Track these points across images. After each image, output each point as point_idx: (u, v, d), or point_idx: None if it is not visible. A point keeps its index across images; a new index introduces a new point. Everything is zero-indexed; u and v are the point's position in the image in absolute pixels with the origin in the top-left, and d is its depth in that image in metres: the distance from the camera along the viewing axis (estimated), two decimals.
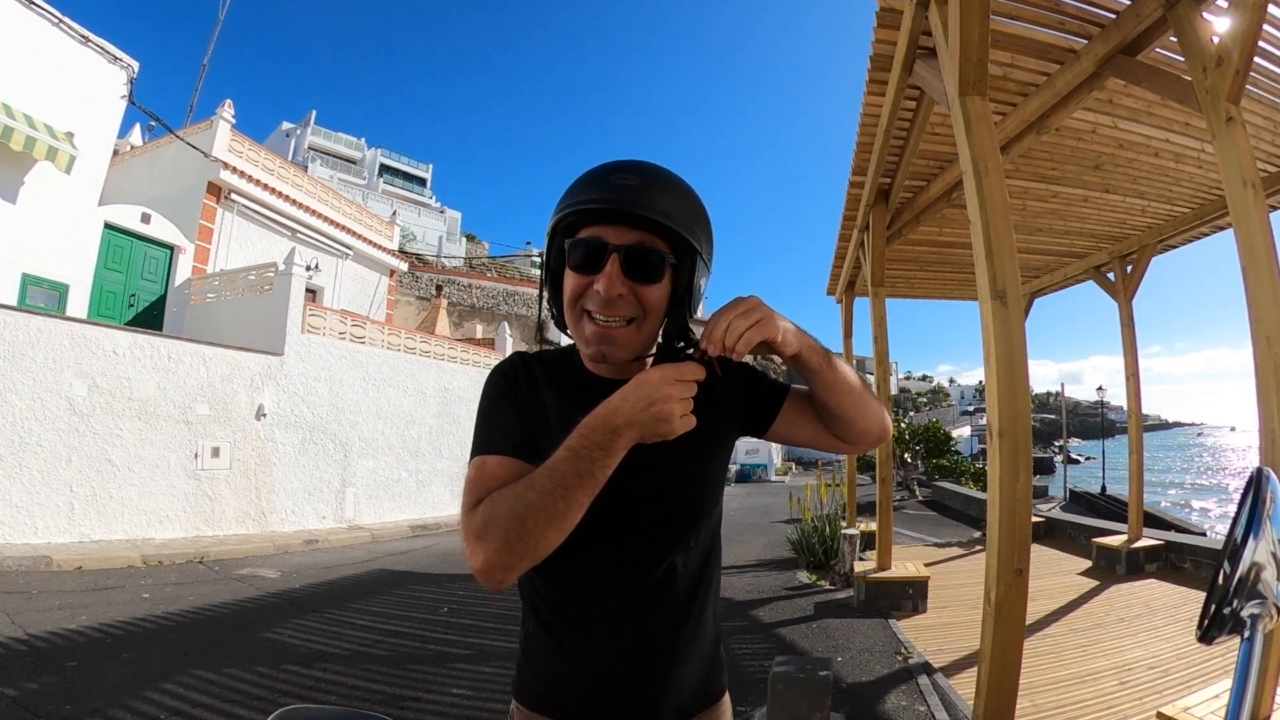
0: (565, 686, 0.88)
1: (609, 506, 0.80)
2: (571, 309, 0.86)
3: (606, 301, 0.82)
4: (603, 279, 0.81)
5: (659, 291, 0.85)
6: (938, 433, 19.64)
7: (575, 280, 0.85)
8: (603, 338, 0.84)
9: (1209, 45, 2.69)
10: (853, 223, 6.09)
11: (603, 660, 0.87)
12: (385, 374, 10.83)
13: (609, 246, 0.82)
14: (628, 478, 0.80)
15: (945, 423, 29.56)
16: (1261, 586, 0.56)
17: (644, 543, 0.88)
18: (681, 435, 0.78)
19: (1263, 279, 2.47)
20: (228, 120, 11.36)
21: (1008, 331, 2.33)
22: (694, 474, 0.92)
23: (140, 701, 3.12)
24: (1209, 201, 5.29)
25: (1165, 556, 6.34)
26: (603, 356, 0.85)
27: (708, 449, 0.92)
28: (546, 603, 0.91)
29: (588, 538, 0.83)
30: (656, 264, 0.83)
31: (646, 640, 0.88)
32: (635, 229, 0.81)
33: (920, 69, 3.37)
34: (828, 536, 6.56)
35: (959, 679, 3.64)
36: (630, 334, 0.85)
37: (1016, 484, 2.26)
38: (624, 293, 0.82)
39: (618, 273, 0.81)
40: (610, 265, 0.81)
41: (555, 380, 0.93)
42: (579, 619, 0.89)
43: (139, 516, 7.36)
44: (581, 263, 0.84)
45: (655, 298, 0.85)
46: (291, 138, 38.23)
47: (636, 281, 0.83)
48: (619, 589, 0.88)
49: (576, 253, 0.84)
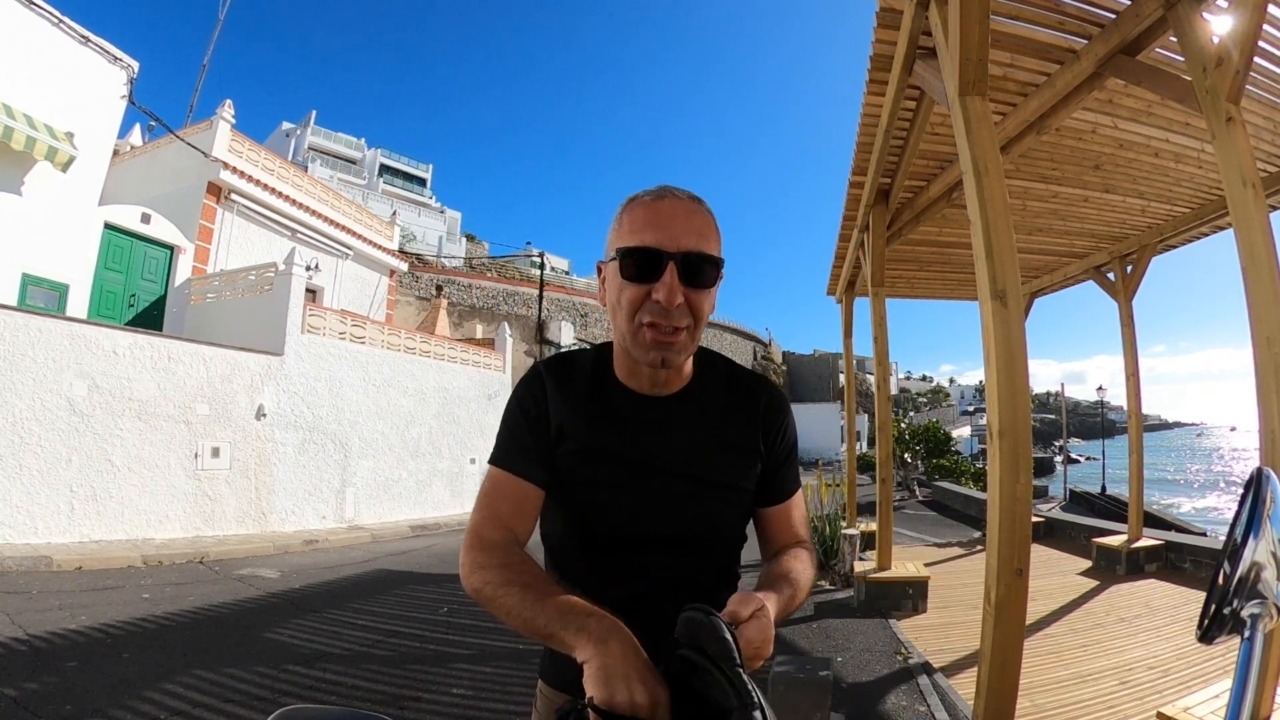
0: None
1: (629, 519, 0.87)
2: (630, 319, 0.86)
3: (666, 311, 0.83)
4: (662, 288, 0.82)
5: (709, 299, 0.87)
6: (938, 433, 19.64)
7: (632, 290, 0.84)
8: (662, 345, 0.85)
9: (1209, 45, 2.69)
10: (853, 223, 6.09)
11: None
12: (385, 374, 10.83)
13: (665, 255, 0.82)
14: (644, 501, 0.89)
15: (945, 423, 29.57)
16: (1261, 586, 0.56)
17: (663, 545, 0.92)
18: (702, 472, 0.91)
19: (1263, 279, 2.47)
20: (228, 120, 11.36)
21: (1008, 331, 2.33)
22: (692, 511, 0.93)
23: (140, 701, 3.12)
24: (1209, 201, 5.29)
25: (1165, 556, 6.34)
26: (662, 363, 0.87)
27: (715, 494, 0.94)
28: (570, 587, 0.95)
29: (607, 540, 0.90)
30: (709, 270, 0.85)
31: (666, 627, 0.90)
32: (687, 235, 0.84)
33: (920, 69, 3.37)
34: (828, 537, 6.56)
35: (959, 679, 3.64)
36: (685, 340, 0.86)
37: (1016, 484, 2.26)
38: (682, 301, 0.83)
39: (676, 281, 0.82)
40: (669, 274, 0.82)
41: (575, 389, 0.94)
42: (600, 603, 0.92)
43: (139, 516, 7.36)
44: (638, 272, 0.84)
45: (707, 305, 0.87)
46: (291, 138, 38.22)
47: (692, 288, 0.84)
48: (639, 578, 0.90)
49: (630, 261, 0.84)
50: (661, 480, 0.91)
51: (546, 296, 21.18)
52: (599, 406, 0.93)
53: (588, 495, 0.91)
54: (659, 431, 0.92)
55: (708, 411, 0.95)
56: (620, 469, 0.91)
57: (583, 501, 0.92)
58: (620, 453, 0.91)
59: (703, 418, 0.94)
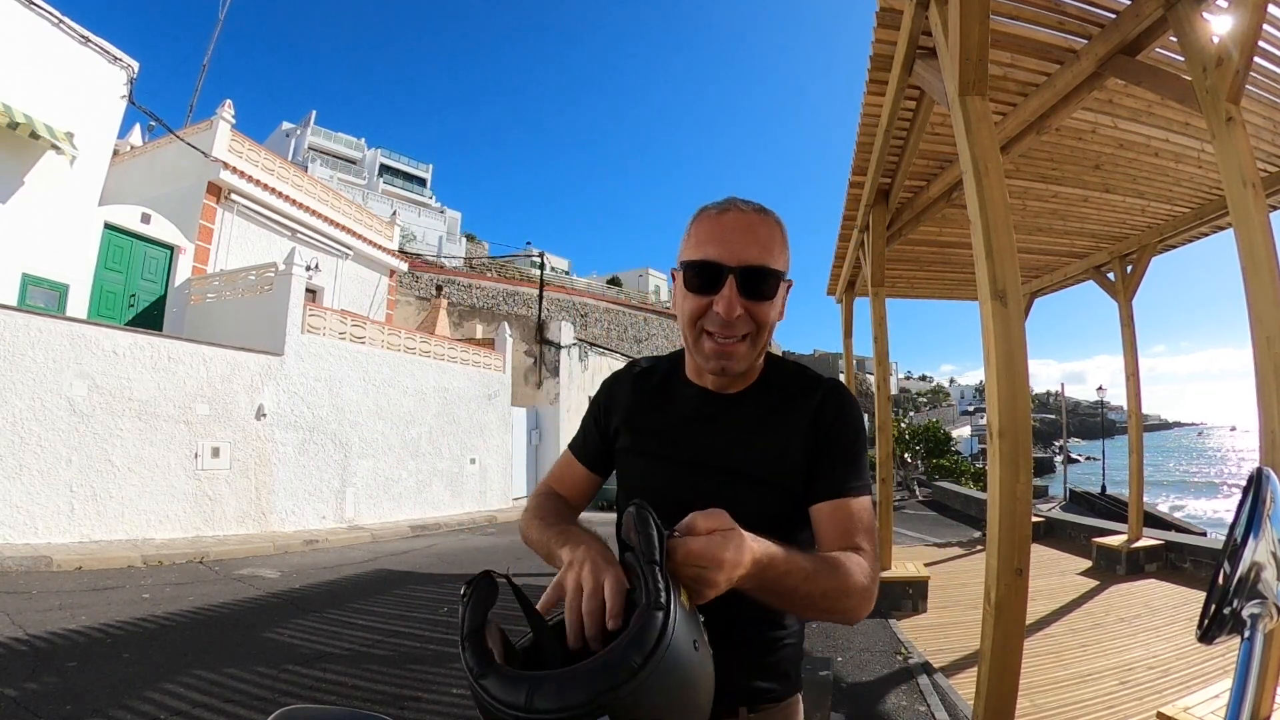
0: None
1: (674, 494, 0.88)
2: (691, 328, 0.92)
3: (726, 322, 0.88)
4: (721, 301, 0.87)
5: (772, 309, 0.91)
6: (938, 433, 19.66)
7: (694, 301, 0.90)
8: (721, 353, 0.90)
9: (1209, 45, 2.69)
10: (853, 223, 6.08)
11: None
12: (385, 374, 10.83)
13: (725, 269, 0.87)
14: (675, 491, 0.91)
15: (945, 423, 29.58)
16: (1261, 586, 0.56)
17: None
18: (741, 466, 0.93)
19: (1263, 279, 2.47)
20: (228, 120, 11.35)
21: (1008, 331, 2.33)
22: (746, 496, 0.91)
23: (141, 701, 3.11)
24: (1209, 201, 5.29)
25: (1165, 556, 6.34)
26: (722, 370, 0.92)
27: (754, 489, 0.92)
28: None
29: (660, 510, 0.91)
30: (771, 282, 0.89)
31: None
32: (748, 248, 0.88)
33: (920, 69, 3.37)
34: None
35: (959, 679, 3.64)
36: (745, 349, 0.90)
37: (1016, 484, 2.26)
38: (741, 313, 0.87)
39: (735, 294, 0.87)
40: (728, 288, 0.86)
41: (646, 388, 1.05)
42: None
43: (139, 516, 7.36)
44: (699, 285, 0.89)
45: (769, 315, 0.91)
46: (291, 138, 38.22)
47: (751, 300, 0.88)
48: None
49: (692, 274, 0.89)
50: (700, 473, 0.94)
51: (547, 296, 21.18)
52: (658, 403, 1.02)
53: (632, 483, 1.01)
54: (710, 427, 0.97)
55: (765, 409, 0.97)
56: (658, 461, 0.98)
57: (628, 489, 1.00)
58: (661, 446, 0.98)
59: (759, 414, 0.96)
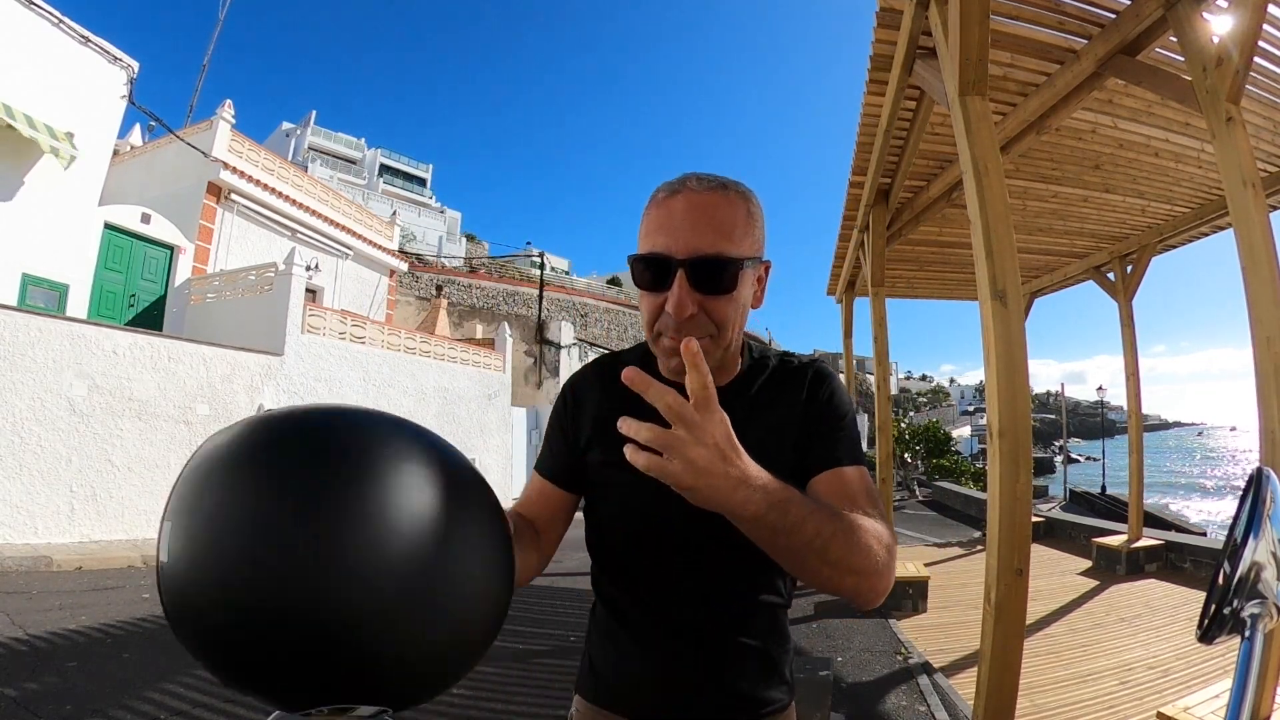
0: (626, 683, 0.89)
1: (662, 516, 0.80)
2: (649, 329, 0.82)
3: (678, 325, 0.77)
4: (671, 299, 0.76)
5: (732, 304, 0.79)
6: (938, 433, 19.65)
7: (647, 300, 0.80)
8: (677, 353, 0.77)
9: (1209, 45, 2.69)
10: (853, 223, 6.08)
11: (663, 658, 0.86)
12: (385, 374, 10.83)
13: (672, 262, 0.76)
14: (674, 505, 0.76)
15: (945, 423, 29.59)
16: (1261, 586, 0.56)
17: (699, 551, 0.85)
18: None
19: (1263, 279, 2.47)
20: (228, 120, 11.36)
21: (1008, 331, 2.33)
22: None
23: (141, 701, 3.11)
24: (1209, 201, 5.29)
25: (1165, 556, 6.34)
26: (681, 373, 0.79)
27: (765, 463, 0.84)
28: (609, 601, 0.92)
29: (645, 539, 0.86)
30: (729, 273, 0.77)
31: (703, 641, 0.87)
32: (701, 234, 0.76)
33: (920, 69, 3.37)
34: None
35: (959, 679, 3.64)
36: (708, 347, 0.78)
37: (1016, 484, 2.26)
38: (695, 312, 0.76)
39: (686, 290, 0.76)
40: (677, 284, 0.76)
41: (617, 387, 0.84)
42: (640, 617, 0.89)
43: (139, 516, 7.35)
44: (649, 281, 0.78)
45: (728, 312, 0.79)
46: (291, 138, 38.23)
47: (706, 294, 0.77)
48: (678, 589, 0.87)
49: (640, 270, 0.79)
50: None
51: (546, 296, 21.18)
52: (635, 403, 0.86)
53: (609, 502, 0.90)
54: None
55: (755, 402, 0.89)
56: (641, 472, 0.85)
57: (607, 507, 0.90)
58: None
59: (748, 407, 0.88)
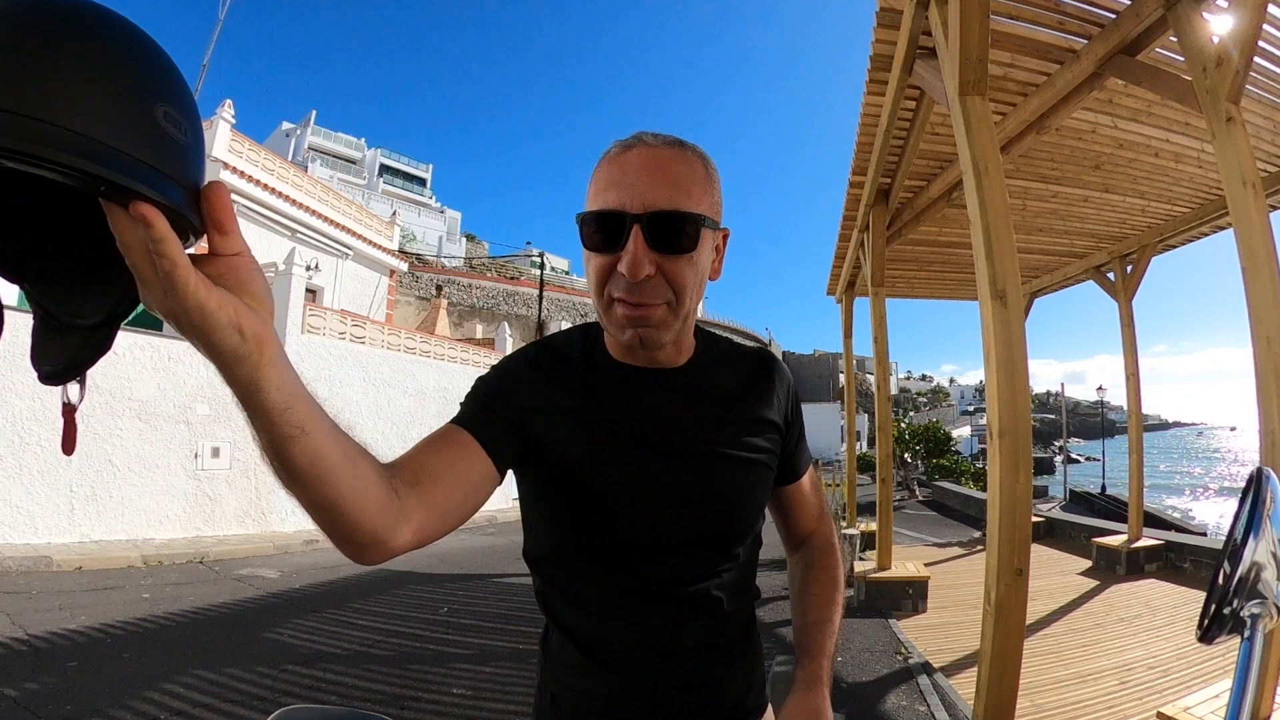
0: (598, 706, 0.81)
1: (643, 526, 0.76)
2: (599, 296, 0.74)
3: (634, 284, 0.70)
4: (626, 257, 0.69)
5: (692, 266, 0.72)
6: (938, 433, 19.64)
7: (597, 262, 0.72)
8: (635, 319, 0.72)
9: (1209, 45, 2.69)
10: (853, 223, 6.08)
11: (647, 682, 0.80)
12: (385, 374, 10.83)
13: (627, 217, 0.69)
14: (660, 498, 0.77)
15: (945, 423, 29.58)
16: (1261, 586, 0.56)
17: (679, 558, 0.80)
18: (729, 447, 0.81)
19: (1263, 279, 2.47)
20: (228, 120, 11.37)
21: (1008, 331, 2.33)
22: (726, 495, 0.82)
23: (141, 701, 3.12)
24: (1209, 201, 5.29)
25: (1165, 556, 6.34)
26: (640, 341, 0.74)
27: (745, 472, 0.83)
28: (569, 626, 0.83)
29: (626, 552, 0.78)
30: (689, 230, 0.71)
31: (689, 655, 0.82)
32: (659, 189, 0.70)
33: (920, 69, 3.37)
34: None
35: (959, 679, 3.64)
36: (664, 314, 0.72)
37: (1016, 484, 2.26)
38: (653, 272, 0.70)
39: (643, 248, 0.69)
40: (632, 241, 0.69)
41: (568, 375, 0.80)
42: (617, 639, 0.81)
43: (139, 516, 7.36)
44: (600, 241, 0.71)
45: (686, 275, 0.72)
46: (291, 138, 38.24)
47: (664, 253, 0.70)
48: (659, 604, 0.80)
49: (592, 228, 0.72)
50: (683, 459, 0.78)
51: (546, 296, 21.17)
52: (596, 392, 0.79)
53: (602, 488, 0.77)
54: (676, 405, 0.80)
55: (724, 384, 0.84)
56: (634, 452, 0.77)
57: (600, 495, 0.76)
58: (631, 434, 0.78)
59: (721, 391, 0.84)
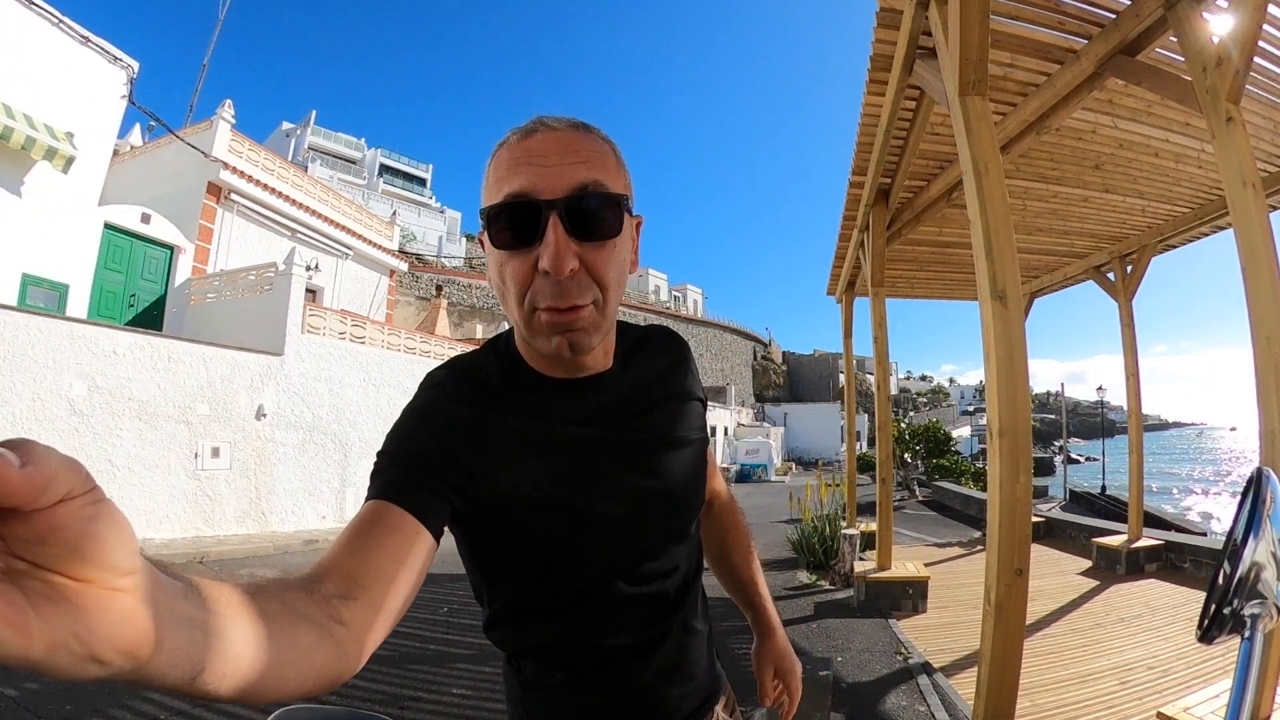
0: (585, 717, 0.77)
1: (620, 537, 0.73)
2: (519, 304, 0.64)
3: (559, 285, 0.61)
4: (547, 251, 0.60)
5: (615, 256, 0.65)
6: (938, 433, 19.62)
7: (513, 266, 0.63)
8: (562, 326, 0.63)
9: (1209, 45, 2.69)
10: (853, 223, 6.08)
11: (624, 679, 0.78)
12: (385, 374, 10.83)
13: (541, 204, 0.61)
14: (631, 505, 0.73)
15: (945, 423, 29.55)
16: (1261, 586, 0.56)
17: (656, 559, 0.79)
18: (684, 433, 0.81)
19: (1263, 279, 2.47)
20: (228, 120, 11.37)
21: (1008, 331, 2.33)
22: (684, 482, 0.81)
23: (141, 701, 3.12)
24: (1209, 201, 5.29)
25: (1165, 556, 6.34)
26: (568, 348, 0.65)
27: (695, 453, 0.83)
28: (542, 655, 0.77)
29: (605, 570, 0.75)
30: (611, 211, 0.63)
31: (665, 645, 0.81)
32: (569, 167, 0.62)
33: (920, 69, 3.37)
34: (828, 536, 6.56)
35: (959, 679, 3.64)
36: (592, 315, 0.64)
37: (1016, 484, 2.26)
38: (577, 266, 0.62)
39: (564, 238, 0.61)
40: (551, 230, 0.60)
41: (496, 399, 0.70)
42: (597, 657, 0.77)
43: (139, 516, 7.35)
44: (511, 236, 0.62)
45: (613, 267, 0.64)
46: (291, 138, 38.26)
47: (588, 242, 0.62)
48: (640, 605, 0.77)
49: (500, 225, 0.62)
50: (641, 460, 0.75)
51: None
52: (534, 412, 0.70)
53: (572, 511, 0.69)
54: (617, 407, 0.75)
55: (651, 373, 0.81)
56: (594, 467, 0.71)
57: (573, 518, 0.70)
58: (588, 447, 0.71)
59: (651, 380, 0.80)
